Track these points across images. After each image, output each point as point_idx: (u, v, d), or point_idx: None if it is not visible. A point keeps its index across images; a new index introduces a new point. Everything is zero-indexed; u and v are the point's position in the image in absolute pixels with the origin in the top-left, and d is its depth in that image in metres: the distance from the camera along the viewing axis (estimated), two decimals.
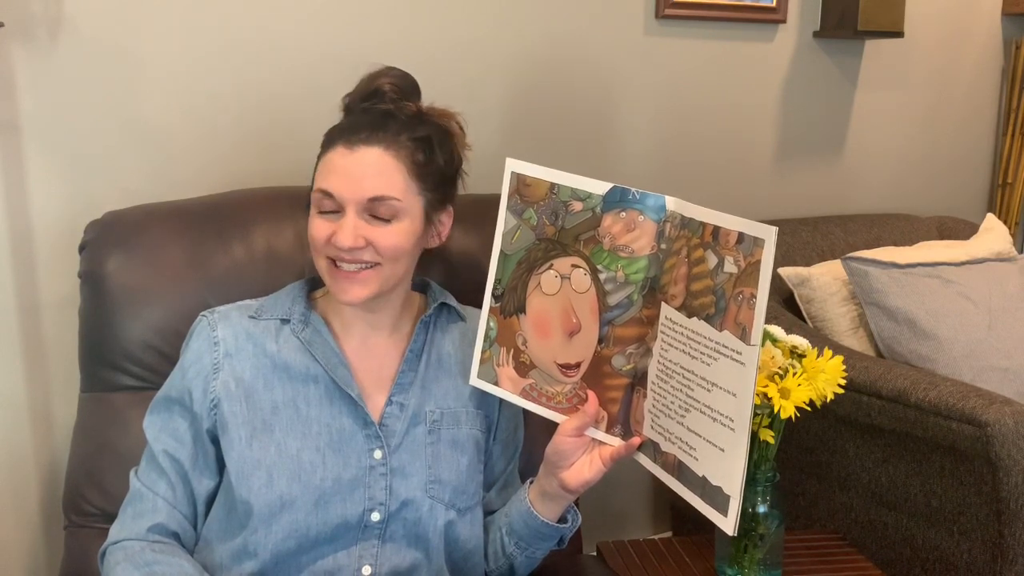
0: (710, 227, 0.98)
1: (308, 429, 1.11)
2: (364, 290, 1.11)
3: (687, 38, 2.11)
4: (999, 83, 2.64)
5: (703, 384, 0.99)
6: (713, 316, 0.97)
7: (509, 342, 1.15)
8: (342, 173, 1.08)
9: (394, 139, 1.10)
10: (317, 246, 1.11)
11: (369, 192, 1.08)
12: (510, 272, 1.14)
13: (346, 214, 1.08)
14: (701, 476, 1.00)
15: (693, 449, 1.01)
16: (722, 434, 0.97)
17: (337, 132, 1.12)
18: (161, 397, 1.16)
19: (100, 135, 1.57)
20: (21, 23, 1.49)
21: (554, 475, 1.11)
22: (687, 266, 1.00)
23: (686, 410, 1.01)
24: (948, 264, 2.02)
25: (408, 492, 1.12)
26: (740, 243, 0.95)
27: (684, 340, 1.01)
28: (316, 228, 1.10)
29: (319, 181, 1.10)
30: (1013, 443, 1.48)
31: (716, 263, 0.97)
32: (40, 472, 1.61)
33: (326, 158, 1.10)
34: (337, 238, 1.08)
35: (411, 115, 1.13)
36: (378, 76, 1.15)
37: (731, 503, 0.96)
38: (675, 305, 1.02)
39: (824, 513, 1.85)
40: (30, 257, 1.55)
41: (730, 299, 0.95)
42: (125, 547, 1.09)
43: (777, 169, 2.31)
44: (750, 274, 0.93)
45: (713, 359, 0.97)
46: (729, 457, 0.96)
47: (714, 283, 0.97)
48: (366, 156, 1.08)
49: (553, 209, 1.11)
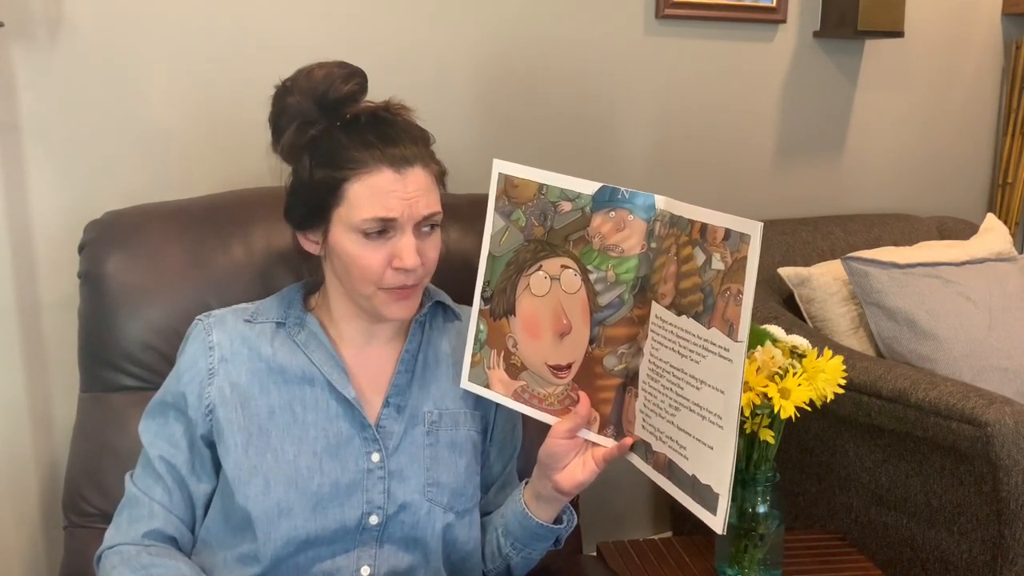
0: (698, 224, 0.98)
1: (305, 434, 1.11)
2: (414, 304, 1.12)
3: (687, 38, 2.11)
4: (999, 83, 2.64)
5: (692, 382, 0.98)
6: (702, 314, 0.97)
7: (500, 344, 1.14)
8: (399, 197, 1.05)
9: (422, 153, 1.09)
10: (372, 276, 1.07)
11: (423, 211, 1.07)
12: (499, 274, 1.13)
13: (405, 234, 1.07)
14: (691, 475, 0.99)
15: (683, 448, 1.00)
16: (711, 432, 0.96)
17: (368, 155, 1.05)
18: (156, 402, 1.16)
19: (100, 135, 1.57)
20: (21, 23, 1.49)
21: (548, 477, 1.11)
22: (676, 264, 1.00)
23: (676, 409, 1.00)
24: (948, 264, 2.01)
25: (406, 495, 1.12)
26: (727, 239, 0.95)
27: (674, 339, 1.00)
28: (369, 258, 1.06)
29: (372, 210, 1.05)
30: (1013, 443, 1.48)
31: (704, 260, 0.97)
32: (40, 472, 1.61)
33: (370, 183, 1.05)
34: (404, 261, 1.06)
35: (411, 123, 1.12)
36: (336, 77, 1.08)
37: (720, 501, 0.96)
38: (665, 304, 1.01)
39: (824, 513, 1.85)
40: (30, 257, 1.55)
41: (718, 296, 0.95)
42: (121, 551, 1.09)
43: (777, 169, 2.31)
44: (736, 271, 0.93)
45: (702, 356, 0.97)
46: (718, 455, 0.96)
47: (702, 280, 0.97)
48: (416, 178, 1.06)
49: (542, 210, 1.10)
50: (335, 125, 1.09)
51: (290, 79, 1.09)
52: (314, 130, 1.08)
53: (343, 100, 1.08)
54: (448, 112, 1.87)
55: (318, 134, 1.08)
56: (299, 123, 1.08)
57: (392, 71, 1.79)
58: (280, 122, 1.10)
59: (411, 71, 1.81)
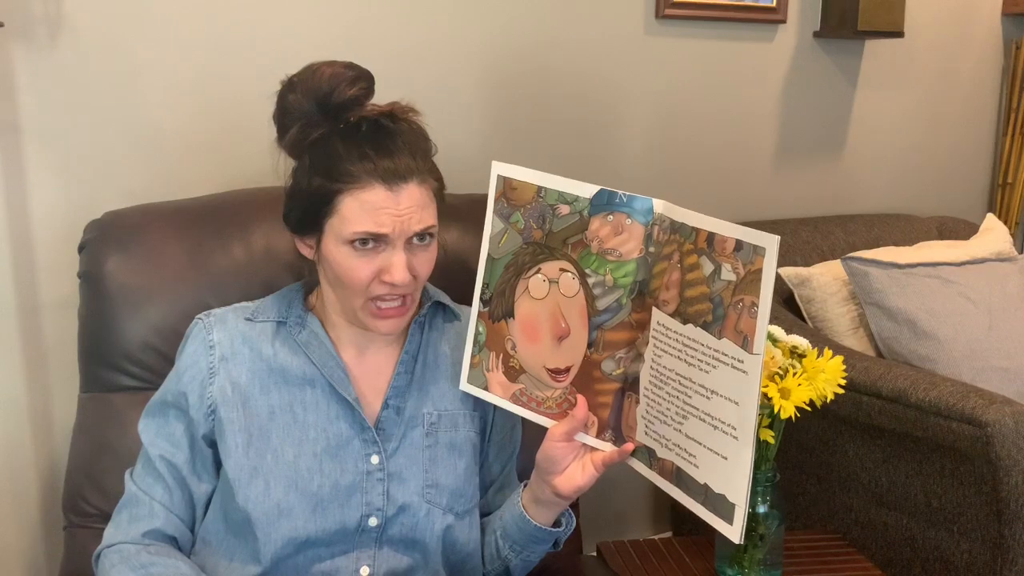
0: (704, 233, 0.97)
1: (305, 435, 1.11)
2: (404, 319, 1.11)
3: (687, 38, 2.11)
4: (999, 83, 2.64)
5: (701, 391, 0.98)
6: (711, 324, 0.96)
7: (498, 347, 1.14)
8: (390, 214, 1.04)
9: (422, 168, 1.07)
10: (360, 287, 1.07)
11: (416, 227, 1.06)
12: (498, 276, 1.13)
13: (395, 249, 1.06)
14: (703, 484, 0.99)
15: (693, 456, 1.00)
16: (724, 442, 0.96)
17: (362, 168, 1.04)
18: (156, 401, 1.16)
19: (100, 135, 1.57)
20: (21, 23, 1.49)
21: (546, 481, 1.11)
22: (680, 272, 0.99)
23: (684, 417, 1.00)
24: (948, 264, 2.01)
25: (405, 497, 1.12)
26: (738, 251, 0.94)
27: (680, 347, 1.00)
28: (358, 269, 1.06)
29: (362, 224, 1.04)
30: (1013, 443, 1.48)
31: (712, 270, 0.96)
32: (40, 472, 1.61)
33: (362, 198, 1.04)
34: (392, 276, 1.05)
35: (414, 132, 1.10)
36: (343, 79, 1.06)
37: (736, 511, 0.95)
38: (668, 311, 1.01)
39: (824, 513, 1.85)
40: (30, 257, 1.55)
41: (729, 307, 0.94)
42: (120, 550, 1.09)
43: (777, 169, 2.31)
44: (751, 283, 0.92)
45: (712, 367, 0.96)
46: (732, 465, 0.95)
47: (710, 290, 0.96)
48: (409, 195, 1.05)
49: (540, 212, 1.09)
50: (336, 129, 1.08)
51: (296, 75, 1.08)
52: (316, 132, 1.08)
53: (346, 104, 1.07)
54: (448, 112, 1.87)
55: (319, 137, 1.08)
56: (302, 123, 1.08)
57: (393, 71, 1.78)
58: (284, 120, 1.09)
59: (412, 72, 1.81)
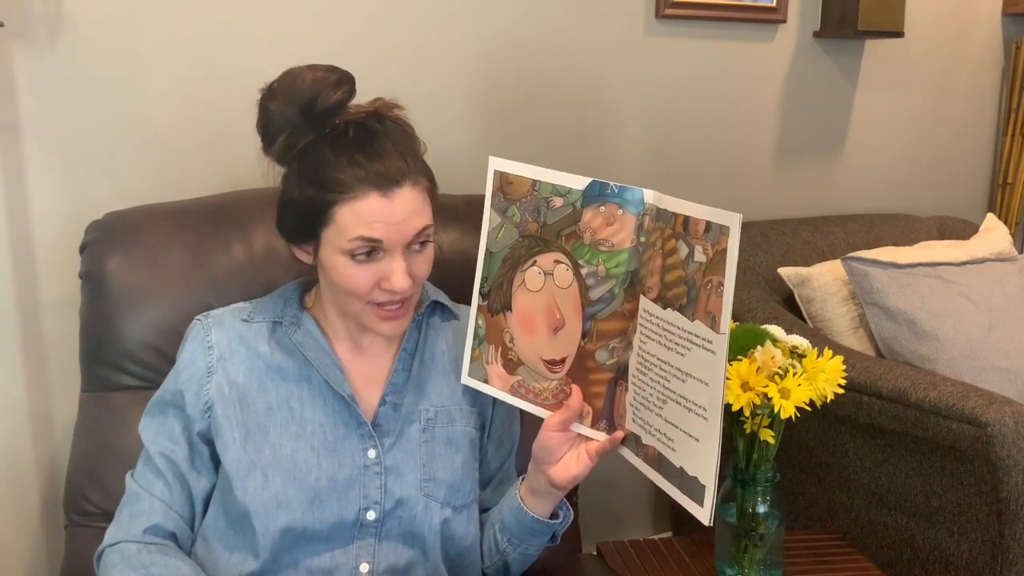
0: (681, 217, 0.98)
1: (302, 429, 1.12)
2: (404, 322, 1.13)
3: (687, 38, 2.11)
4: (999, 83, 2.64)
5: (678, 375, 0.99)
6: (686, 306, 0.97)
7: (497, 340, 1.15)
8: (387, 221, 1.04)
9: (412, 168, 1.07)
10: (360, 295, 1.08)
11: (413, 231, 1.06)
12: (496, 270, 1.15)
13: (394, 256, 1.06)
14: (679, 467, 1.00)
15: (671, 440, 1.01)
16: (697, 424, 0.97)
17: (353, 175, 1.03)
18: (156, 400, 1.17)
19: (100, 135, 1.57)
20: (21, 23, 1.49)
21: (542, 471, 1.12)
22: (662, 257, 1.00)
23: (663, 401, 1.01)
24: (948, 264, 2.02)
25: (403, 491, 1.13)
26: (708, 232, 0.95)
27: (660, 332, 1.01)
28: (358, 277, 1.06)
29: (358, 234, 1.04)
30: (1013, 443, 1.48)
31: (687, 253, 0.97)
32: (40, 472, 1.61)
33: (357, 208, 1.03)
34: (393, 284, 1.06)
35: (400, 131, 1.09)
36: (326, 84, 1.04)
37: (706, 492, 0.96)
38: (651, 297, 1.02)
39: (824, 513, 1.85)
40: (30, 257, 1.55)
41: (700, 288, 0.95)
42: (121, 549, 1.10)
43: (777, 169, 2.31)
44: (717, 262, 0.93)
45: (687, 349, 0.97)
46: (703, 447, 0.96)
47: (686, 273, 0.97)
48: (404, 200, 1.05)
49: (535, 205, 1.11)
50: (323, 135, 1.07)
51: (277, 82, 1.07)
52: (303, 141, 1.07)
53: (331, 109, 1.05)
54: (447, 113, 1.87)
55: (307, 145, 1.07)
56: (288, 132, 1.06)
57: (392, 72, 1.79)
58: (269, 130, 1.08)
59: (411, 72, 1.81)
